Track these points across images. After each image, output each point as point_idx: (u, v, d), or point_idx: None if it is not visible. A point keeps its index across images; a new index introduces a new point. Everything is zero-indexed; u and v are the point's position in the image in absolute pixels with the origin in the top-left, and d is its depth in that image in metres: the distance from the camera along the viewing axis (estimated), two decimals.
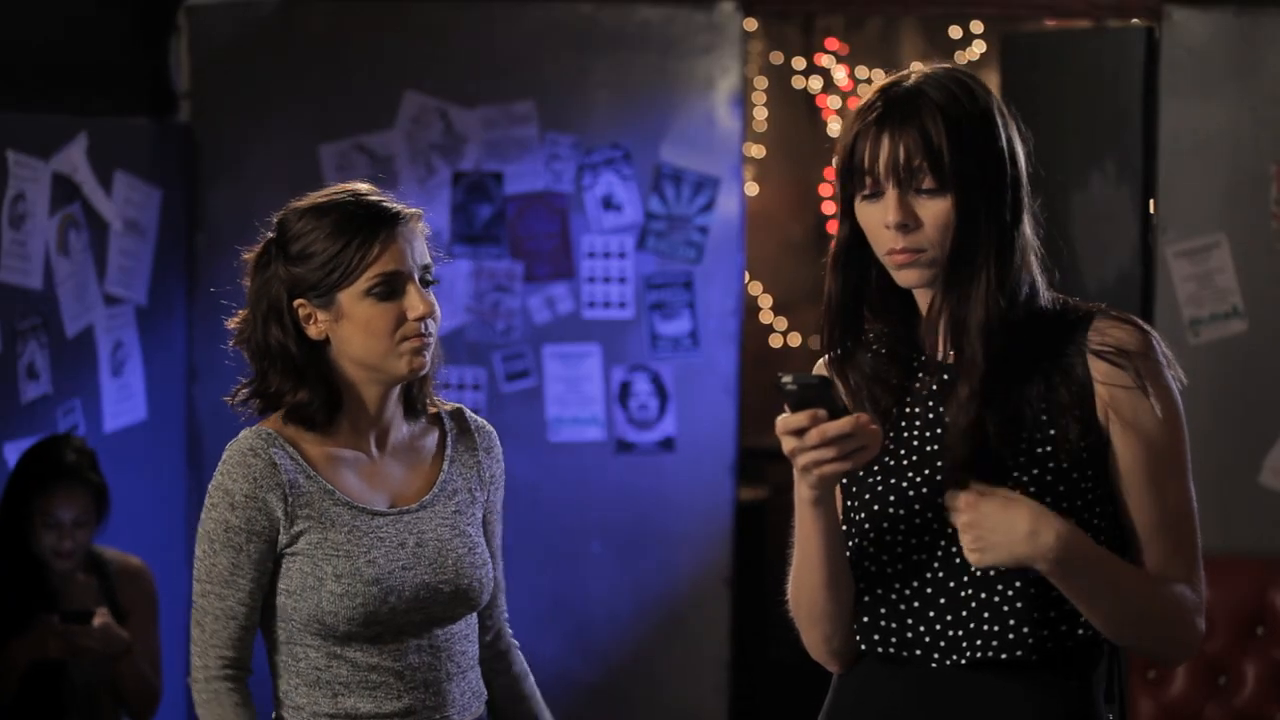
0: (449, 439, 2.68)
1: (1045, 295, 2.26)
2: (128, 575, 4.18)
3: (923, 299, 2.27)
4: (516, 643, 2.82)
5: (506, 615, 2.81)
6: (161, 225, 5.04)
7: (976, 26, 7.19)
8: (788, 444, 2.10)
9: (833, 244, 2.29)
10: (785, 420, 2.09)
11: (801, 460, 2.11)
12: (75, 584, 4.07)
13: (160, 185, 5.04)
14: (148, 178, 4.98)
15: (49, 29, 4.68)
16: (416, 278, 2.55)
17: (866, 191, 2.20)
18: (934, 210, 2.17)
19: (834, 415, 2.08)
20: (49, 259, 4.50)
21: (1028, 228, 2.25)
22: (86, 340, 4.69)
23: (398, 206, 2.57)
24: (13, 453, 4.25)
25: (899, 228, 2.17)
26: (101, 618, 3.95)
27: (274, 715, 2.59)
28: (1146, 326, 2.25)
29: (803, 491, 2.18)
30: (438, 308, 2.57)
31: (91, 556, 4.12)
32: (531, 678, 2.82)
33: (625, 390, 5.21)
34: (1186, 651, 2.25)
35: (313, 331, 2.56)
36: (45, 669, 3.95)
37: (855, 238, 2.25)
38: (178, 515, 5.17)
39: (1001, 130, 2.22)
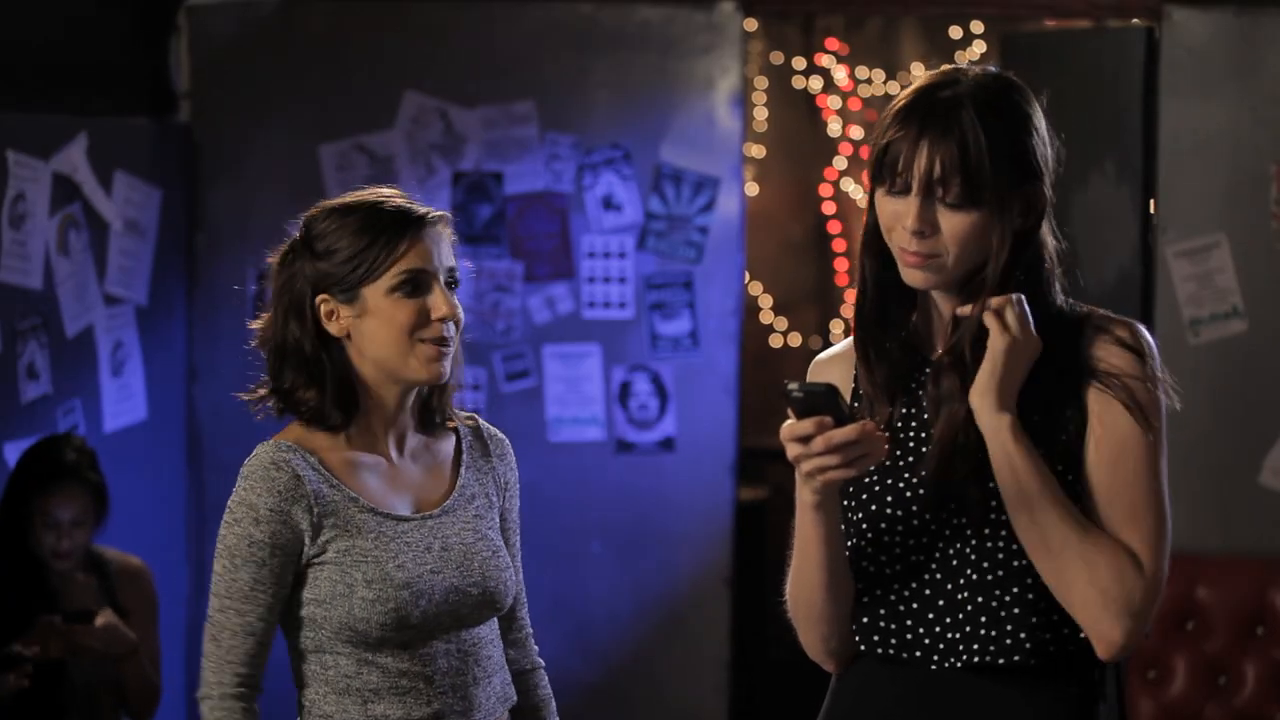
0: (464, 445, 2.68)
1: (1058, 299, 2.26)
2: (128, 575, 4.17)
3: (935, 301, 2.27)
4: (542, 663, 2.79)
5: (530, 631, 2.78)
6: (161, 225, 5.04)
7: (976, 26, 7.19)
8: (792, 450, 2.10)
9: (861, 230, 2.28)
10: (791, 427, 2.09)
11: (806, 466, 2.11)
12: (75, 584, 4.07)
13: (160, 185, 5.04)
14: (148, 178, 4.98)
15: (49, 29, 4.68)
16: (442, 279, 2.56)
17: (894, 188, 2.19)
18: (955, 223, 2.17)
19: (839, 422, 2.08)
20: (49, 259, 4.50)
21: (1048, 234, 2.25)
22: (86, 340, 4.69)
23: (425, 208, 2.58)
24: (13, 452, 4.25)
25: (915, 234, 2.17)
26: (105, 618, 3.95)
27: None
28: (1145, 340, 2.23)
29: (805, 496, 2.18)
30: (461, 311, 2.57)
31: (91, 556, 4.12)
32: (553, 703, 2.78)
33: (625, 390, 5.21)
34: (1112, 621, 2.13)
35: (334, 328, 2.55)
36: (45, 668, 3.95)
37: (879, 225, 2.25)
38: (178, 515, 5.17)
39: (1039, 147, 2.21)
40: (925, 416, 2.25)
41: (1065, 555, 2.13)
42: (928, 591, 2.22)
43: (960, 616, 2.20)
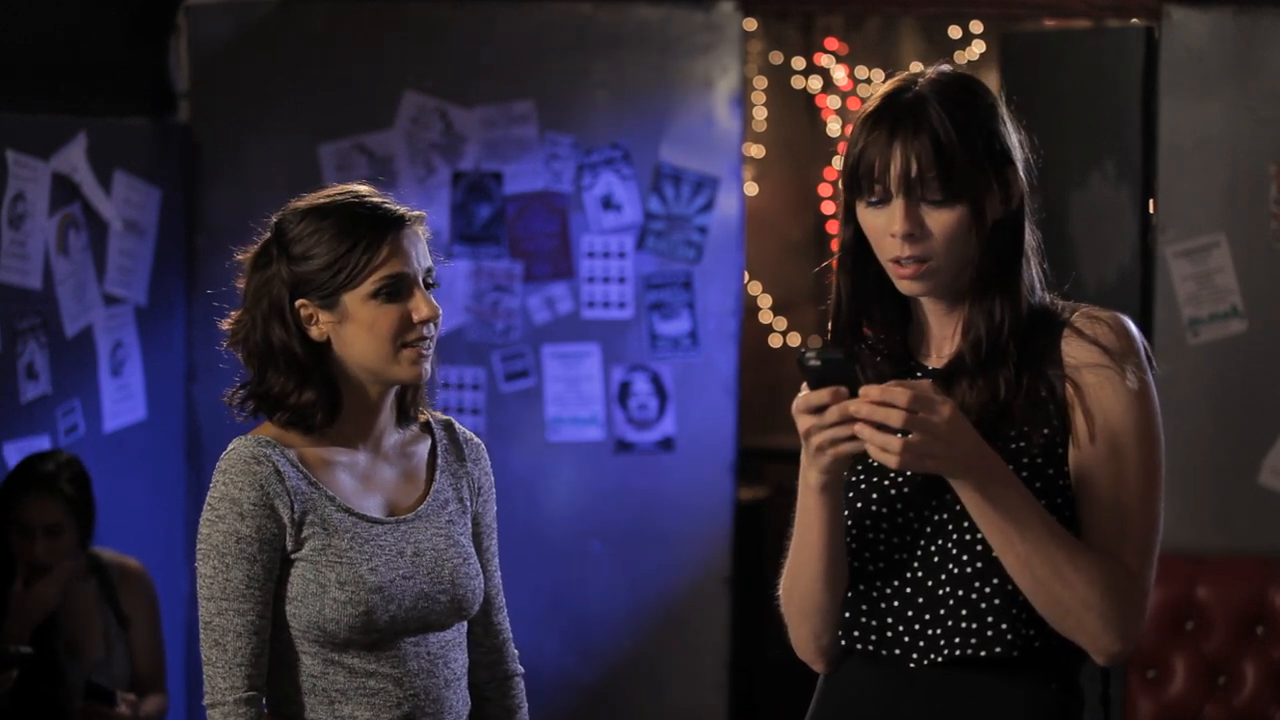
0: (440, 449, 2.67)
1: (1040, 295, 2.27)
2: (128, 577, 4.15)
3: (923, 308, 2.27)
4: (520, 670, 2.77)
5: (509, 637, 2.76)
6: (161, 225, 5.04)
7: (976, 26, 7.19)
8: (804, 422, 2.05)
9: (836, 247, 2.28)
10: (805, 398, 2.04)
11: (817, 439, 2.05)
12: (74, 586, 4.05)
13: (160, 185, 5.04)
14: (147, 178, 4.98)
15: (49, 29, 4.68)
16: (421, 280, 2.55)
17: (874, 199, 2.19)
18: (942, 221, 2.17)
19: (855, 394, 2.02)
20: (49, 259, 4.50)
21: (1030, 231, 2.25)
22: (86, 340, 4.69)
23: (402, 209, 2.56)
24: (12, 452, 4.25)
25: (906, 237, 2.17)
26: (127, 706, 3.92)
27: None
28: (1125, 325, 2.22)
29: (811, 477, 2.14)
30: (440, 310, 2.57)
31: (90, 559, 4.10)
32: (525, 712, 2.77)
33: (625, 390, 5.21)
34: (1112, 635, 2.12)
35: (315, 333, 2.54)
36: (43, 668, 3.92)
37: (858, 240, 2.25)
38: (177, 515, 5.17)
39: (1008, 136, 2.22)
40: None
41: (1050, 578, 2.10)
42: (909, 589, 2.22)
43: (941, 612, 2.19)
